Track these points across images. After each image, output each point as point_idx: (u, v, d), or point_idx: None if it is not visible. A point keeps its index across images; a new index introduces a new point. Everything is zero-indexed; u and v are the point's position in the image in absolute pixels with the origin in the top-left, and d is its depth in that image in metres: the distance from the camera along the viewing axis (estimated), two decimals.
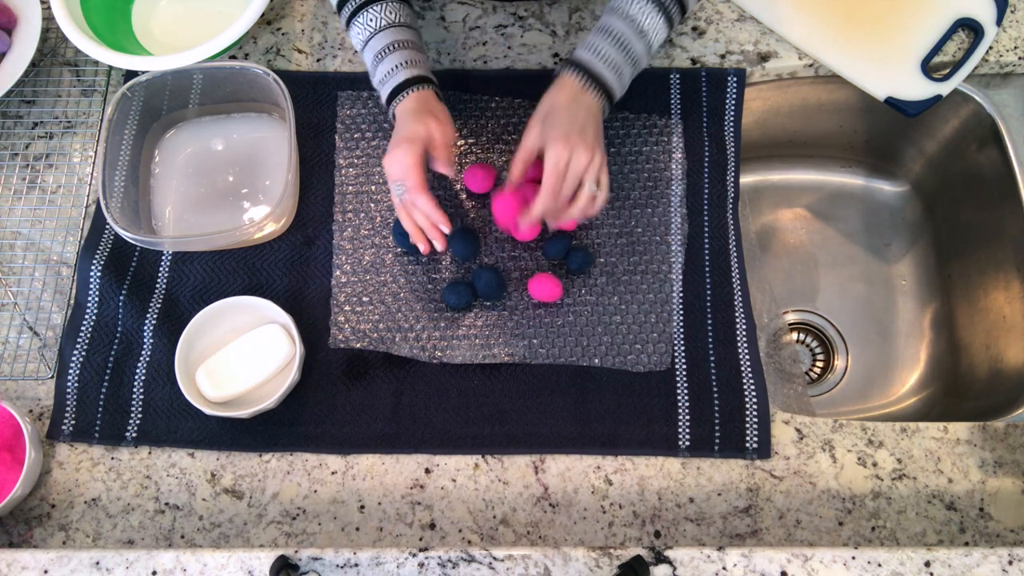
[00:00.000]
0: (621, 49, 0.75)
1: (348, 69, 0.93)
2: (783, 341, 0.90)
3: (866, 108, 0.99)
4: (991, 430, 0.77)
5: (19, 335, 0.83)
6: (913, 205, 1.10)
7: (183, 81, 0.87)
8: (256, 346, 0.78)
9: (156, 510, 0.76)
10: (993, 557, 0.64)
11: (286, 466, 0.77)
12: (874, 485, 0.75)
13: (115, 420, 0.79)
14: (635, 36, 0.75)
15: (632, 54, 0.75)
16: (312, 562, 0.65)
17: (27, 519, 0.76)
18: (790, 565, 0.64)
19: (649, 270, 0.83)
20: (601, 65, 0.74)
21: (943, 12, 0.91)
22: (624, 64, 0.75)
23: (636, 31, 0.74)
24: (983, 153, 0.96)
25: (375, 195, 0.87)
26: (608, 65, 0.75)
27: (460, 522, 0.75)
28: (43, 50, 0.95)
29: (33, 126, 0.92)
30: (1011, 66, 0.92)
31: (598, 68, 0.74)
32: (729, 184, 0.87)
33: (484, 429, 0.78)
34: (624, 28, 0.74)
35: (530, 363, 0.80)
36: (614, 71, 0.75)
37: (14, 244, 0.87)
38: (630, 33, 0.74)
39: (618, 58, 0.75)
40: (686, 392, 0.78)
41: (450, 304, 0.81)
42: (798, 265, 1.09)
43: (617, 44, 0.74)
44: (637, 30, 0.74)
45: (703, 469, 0.76)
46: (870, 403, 1.02)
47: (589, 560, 0.65)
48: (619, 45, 0.74)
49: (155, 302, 0.83)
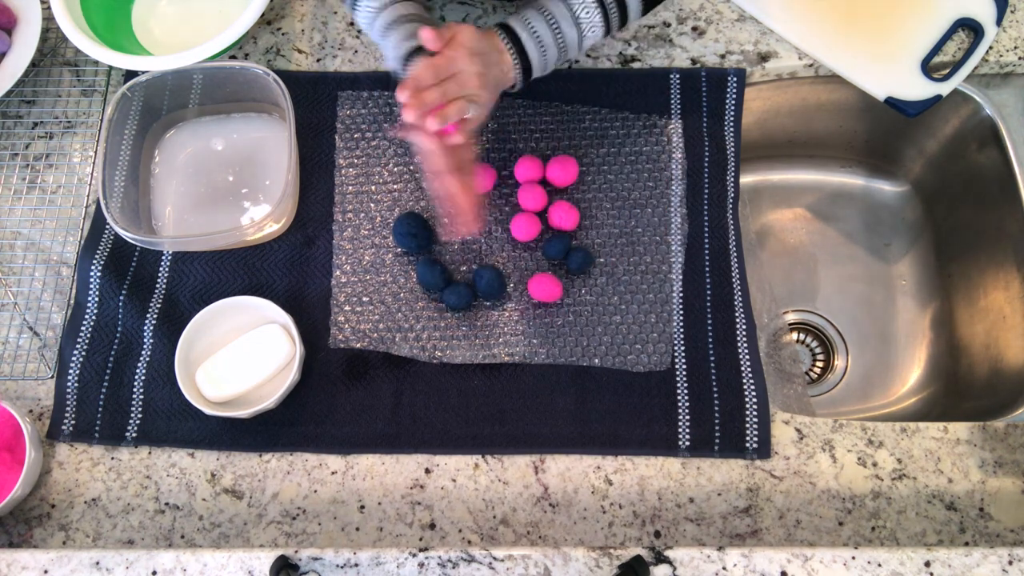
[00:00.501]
0: (552, 29, 0.74)
1: (348, 69, 0.93)
2: (783, 341, 0.90)
3: (866, 108, 0.99)
4: (991, 430, 0.77)
5: (19, 335, 0.83)
6: (913, 205, 1.10)
7: (183, 81, 0.87)
8: (256, 346, 0.78)
9: (156, 510, 0.76)
10: (993, 557, 0.64)
11: (286, 466, 0.77)
12: (874, 485, 0.75)
13: (115, 420, 0.79)
14: (569, 22, 0.74)
15: (561, 39, 0.75)
16: (312, 562, 0.65)
17: (27, 519, 0.76)
18: (790, 565, 0.64)
19: (649, 270, 0.83)
20: (528, 35, 0.74)
21: (943, 12, 0.91)
22: (551, 45, 0.75)
23: (571, 17, 0.74)
24: (983, 153, 0.96)
25: (375, 195, 0.87)
26: (535, 39, 0.74)
27: (460, 522, 0.75)
28: (43, 50, 0.95)
29: (33, 126, 0.92)
30: (1011, 66, 0.92)
31: (524, 38, 0.73)
32: (729, 184, 0.87)
33: (484, 429, 0.78)
34: (560, 11, 0.74)
35: (530, 363, 0.80)
36: (539, 46, 0.74)
37: (14, 244, 0.87)
38: (565, 17, 0.74)
39: (547, 37, 0.74)
40: (686, 392, 0.78)
41: (450, 304, 0.81)
42: (798, 265, 1.09)
43: (549, 24, 0.74)
44: (572, 17, 0.74)
45: (703, 469, 0.76)
46: (870, 403, 1.02)
47: (589, 560, 0.65)
48: (551, 25, 0.74)
49: (155, 302, 0.83)
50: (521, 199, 0.84)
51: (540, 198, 0.84)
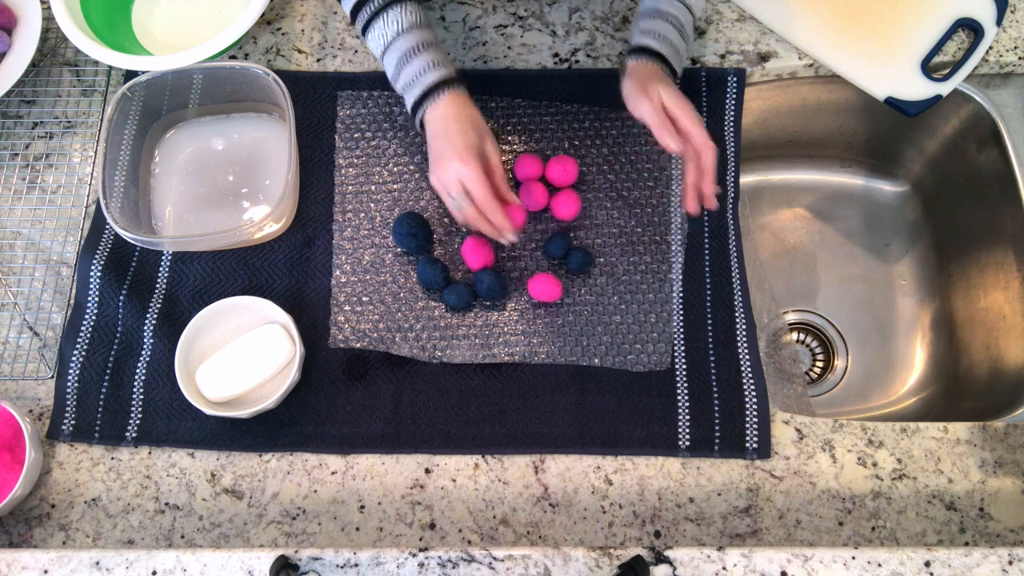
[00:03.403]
0: (676, 28, 0.78)
1: (348, 69, 0.93)
2: (783, 341, 0.90)
3: (866, 108, 0.99)
4: (991, 430, 0.77)
5: (19, 335, 0.83)
6: (913, 205, 1.10)
7: (183, 81, 0.87)
8: (256, 346, 0.78)
9: (156, 510, 0.76)
10: (993, 557, 0.64)
11: (286, 466, 0.77)
12: (874, 485, 0.75)
13: (115, 420, 0.79)
14: (683, 11, 0.78)
15: (684, 31, 0.79)
16: (312, 562, 0.65)
17: (27, 519, 0.76)
18: (790, 565, 0.64)
19: (649, 270, 0.83)
20: (666, 48, 0.77)
21: (943, 12, 0.91)
22: (680, 43, 0.79)
23: (684, 5, 0.78)
24: (983, 153, 0.96)
25: (375, 195, 0.87)
26: (669, 46, 0.78)
27: (460, 522, 0.75)
28: (43, 50, 0.95)
29: (33, 126, 0.92)
30: (1011, 66, 0.92)
31: (664, 52, 0.77)
32: (729, 184, 0.87)
33: (484, 429, 0.78)
34: (674, 7, 0.78)
35: (530, 363, 0.80)
36: (674, 51, 0.78)
37: (14, 244, 0.87)
38: (680, 10, 0.78)
39: (675, 38, 0.78)
40: (686, 392, 0.78)
41: (450, 304, 0.81)
42: (798, 265, 1.09)
43: (672, 23, 0.78)
44: (685, 4, 0.78)
45: (703, 469, 0.76)
46: (870, 403, 1.02)
47: (589, 560, 0.65)
48: (674, 24, 0.78)
49: (155, 302, 0.83)
50: (522, 198, 0.84)
51: (541, 196, 0.84)
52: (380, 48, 0.77)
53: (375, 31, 0.76)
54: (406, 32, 0.75)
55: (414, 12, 0.75)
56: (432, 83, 0.74)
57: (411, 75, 0.75)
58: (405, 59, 0.75)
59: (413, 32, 0.75)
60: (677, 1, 0.78)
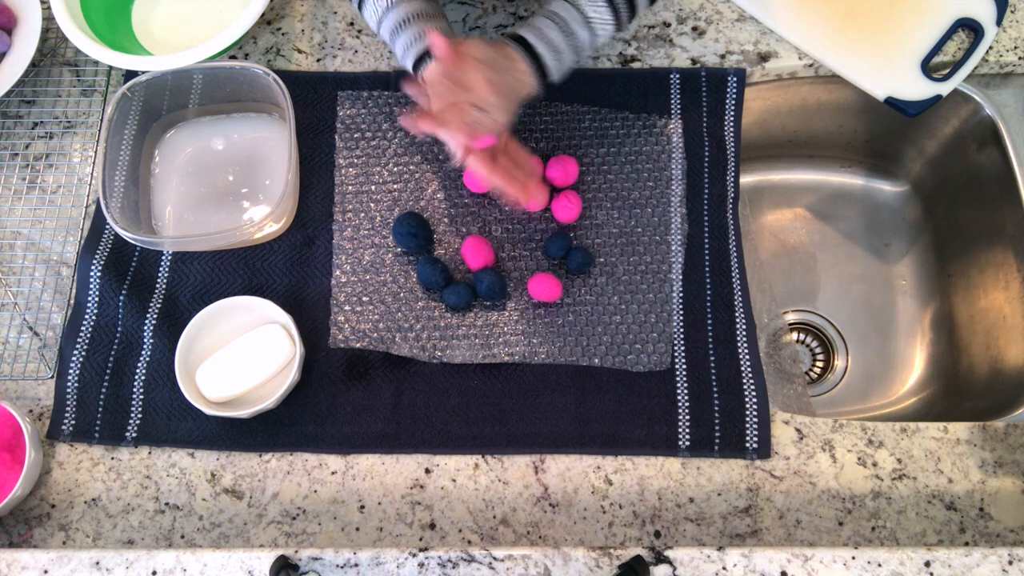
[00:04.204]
0: (563, 33, 0.74)
1: (348, 69, 0.93)
2: (783, 341, 0.90)
3: (866, 108, 0.99)
4: (991, 430, 0.77)
5: (19, 335, 0.83)
6: (913, 205, 1.10)
7: (183, 81, 0.87)
8: (256, 346, 0.78)
9: (156, 510, 0.76)
10: (993, 557, 0.64)
11: (286, 466, 0.77)
12: (874, 485, 0.75)
13: (115, 420, 0.79)
14: (580, 23, 0.74)
15: (573, 41, 0.75)
16: (312, 562, 0.65)
17: (27, 519, 0.76)
18: (790, 565, 0.64)
19: (649, 270, 0.83)
20: (541, 42, 0.74)
21: (943, 12, 0.91)
22: (565, 49, 0.75)
23: (582, 19, 0.74)
24: (983, 153, 0.96)
25: (375, 195, 0.87)
26: (548, 45, 0.74)
27: (460, 522, 0.75)
28: (43, 50, 0.95)
29: (33, 126, 0.92)
30: (1011, 66, 0.92)
31: (538, 45, 0.74)
32: (729, 184, 0.87)
33: (484, 429, 0.78)
34: (570, 14, 0.74)
35: (530, 363, 0.80)
36: (552, 50, 0.74)
37: (14, 244, 0.87)
38: (576, 19, 0.74)
39: (560, 42, 0.74)
40: (686, 392, 0.78)
41: (450, 304, 0.81)
42: (798, 265, 1.09)
43: (560, 28, 0.74)
44: (583, 18, 0.74)
45: (703, 469, 0.76)
46: (870, 403, 1.02)
47: (589, 560, 0.65)
48: (562, 29, 0.74)
49: (155, 302, 0.83)
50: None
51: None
52: (375, 22, 0.78)
53: (368, 6, 0.77)
54: (396, 5, 0.75)
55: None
56: (420, 53, 0.74)
57: (402, 47, 0.76)
58: (396, 31, 0.76)
59: (403, 4, 0.75)
60: (577, 12, 0.75)
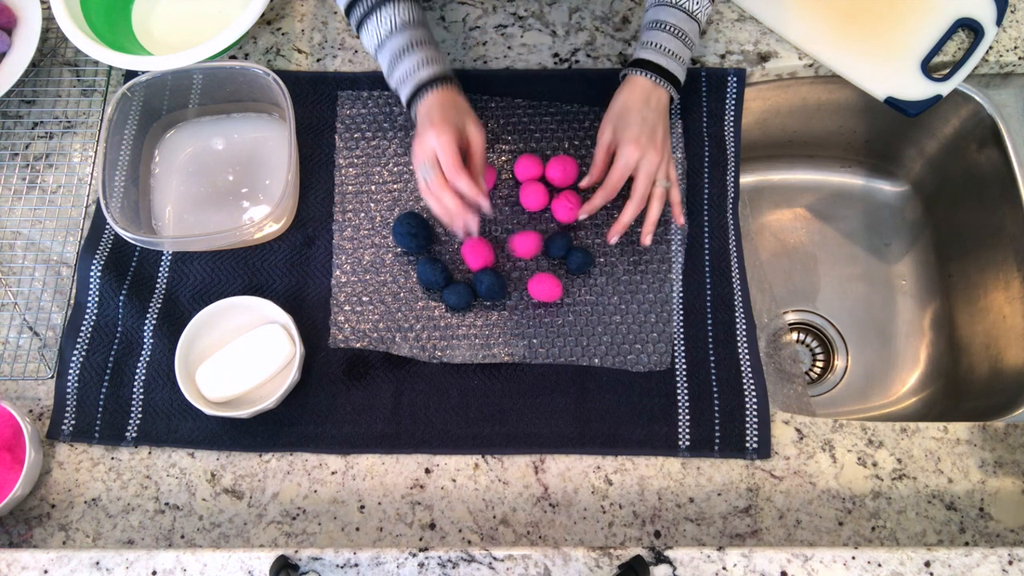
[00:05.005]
0: (678, 37, 0.79)
1: (348, 69, 0.93)
2: (783, 341, 0.90)
3: (866, 108, 0.99)
4: (991, 430, 0.77)
5: (19, 335, 0.83)
6: (913, 205, 1.10)
7: (183, 81, 0.87)
8: (256, 346, 0.78)
9: (156, 510, 0.76)
10: (993, 557, 0.64)
11: (286, 466, 0.77)
12: (874, 485, 0.75)
13: (115, 420, 0.79)
14: (686, 21, 0.79)
15: (687, 39, 0.80)
16: (312, 562, 0.65)
17: (27, 519, 0.76)
18: (790, 565, 0.64)
19: (649, 270, 0.83)
20: (665, 59, 0.79)
21: (943, 12, 0.91)
22: (683, 51, 0.80)
23: (686, 15, 0.79)
24: (983, 153, 0.96)
25: (375, 195, 0.87)
26: (671, 57, 0.79)
27: (460, 522, 0.75)
28: (43, 50, 0.95)
29: (33, 126, 0.92)
30: (1011, 66, 0.92)
31: (663, 63, 0.79)
32: (729, 184, 0.87)
33: (484, 429, 0.78)
34: (676, 17, 0.79)
35: (530, 363, 0.80)
36: (676, 60, 0.79)
37: (14, 244, 0.87)
38: (682, 19, 0.79)
39: (677, 47, 0.79)
40: (686, 392, 0.78)
41: (450, 304, 0.81)
42: (798, 265, 1.09)
43: (673, 34, 0.79)
44: (687, 14, 0.79)
45: (703, 469, 0.76)
46: (870, 403, 1.02)
47: (589, 560, 0.65)
48: (675, 34, 0.79)
49: (155, 302, 0.83)
50: (522, 198, 0.84)
51: (541, 196, 0.84)
52: (373, 46, 0.78)
53: (368, 29, 0.77)
54: (399, 31, 0.76)
55: (407, 10, 0.76)
56: (423, 80, 0.75)
57: (403, 73, 0.76)
58: (398, 57, 0.76)
59: (406, 31, 0.76)
60: (677, 11, 0.79)
